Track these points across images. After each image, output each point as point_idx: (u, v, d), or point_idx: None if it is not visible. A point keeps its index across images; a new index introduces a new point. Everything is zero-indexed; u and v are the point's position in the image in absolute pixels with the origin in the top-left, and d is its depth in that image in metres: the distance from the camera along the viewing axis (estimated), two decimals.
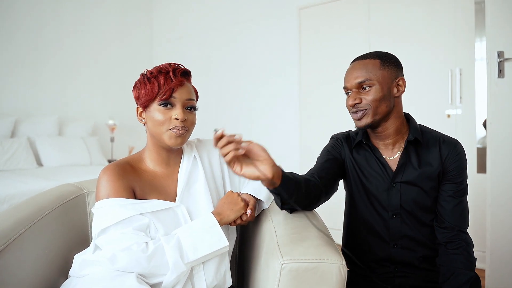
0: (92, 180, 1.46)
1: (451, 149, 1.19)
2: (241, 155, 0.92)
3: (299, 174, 1.15)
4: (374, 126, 1.20)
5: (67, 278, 1.09)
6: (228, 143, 0.89)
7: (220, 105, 4.42)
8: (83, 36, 4.54)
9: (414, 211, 1.21)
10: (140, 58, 5.15)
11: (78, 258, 1.01)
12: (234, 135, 0.90)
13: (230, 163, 0.91)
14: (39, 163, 3.76)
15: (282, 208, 1.10)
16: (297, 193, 1.02)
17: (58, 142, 3.88)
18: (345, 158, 1.31)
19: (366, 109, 1.16)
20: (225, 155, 0.89)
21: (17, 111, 3.94)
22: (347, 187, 1.35)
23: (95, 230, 1.00)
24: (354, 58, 1.24)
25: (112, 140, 4.47)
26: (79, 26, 4.50)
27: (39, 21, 4.14)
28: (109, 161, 4.20)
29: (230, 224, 1.09)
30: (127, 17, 5.05)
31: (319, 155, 1.34)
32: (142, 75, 1.12)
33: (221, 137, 0.90)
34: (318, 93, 3.59)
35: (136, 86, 1.12)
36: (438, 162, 1.19)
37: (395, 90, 1.18)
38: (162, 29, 5.21)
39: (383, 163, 1.23)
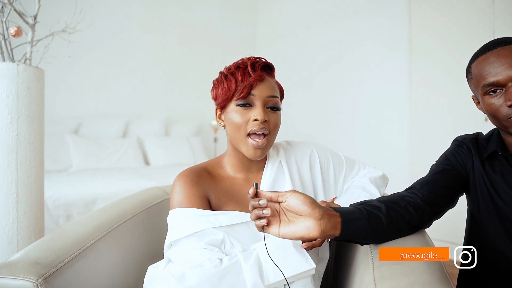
0: None
1: None
2: (277, 212, 0.76)
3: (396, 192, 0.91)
4: None
5: None
6: (254, 208, 0.75)
7: (324, 104, 4.20)
8: (189, 39, 4.72)
9: None
10: None
11: (149, 271, 0.94)
12: (260, 199, 0.75)
13: (260, 227, 0.76)
14: (147, 162, 3.98)
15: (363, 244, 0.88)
16: (374, 231, 0.79)
17: (164, 142, 4.08)
18: (470, 171, 1.01)
19: None
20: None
21: (128, 113, 4.24)
22: (471, 205, 1.05)
23: (166, 241, 0.92)
24: (485, 46, 0.93)
25: (215, 140, 4.57)
26: (184, 29, 4.69)
27: (147, 29, 4.41)
28: None
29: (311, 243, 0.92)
30: (230, 19, 5.12)
31: (435, 161, 1.08)
32: (220, 72, 1.01)
33: (255, 195, 0.75)
34: (432, 91, 3.14)
35: (214, 86, 1.02)
36: None
37: None
38: (265, 29, 5.15)
39: None
